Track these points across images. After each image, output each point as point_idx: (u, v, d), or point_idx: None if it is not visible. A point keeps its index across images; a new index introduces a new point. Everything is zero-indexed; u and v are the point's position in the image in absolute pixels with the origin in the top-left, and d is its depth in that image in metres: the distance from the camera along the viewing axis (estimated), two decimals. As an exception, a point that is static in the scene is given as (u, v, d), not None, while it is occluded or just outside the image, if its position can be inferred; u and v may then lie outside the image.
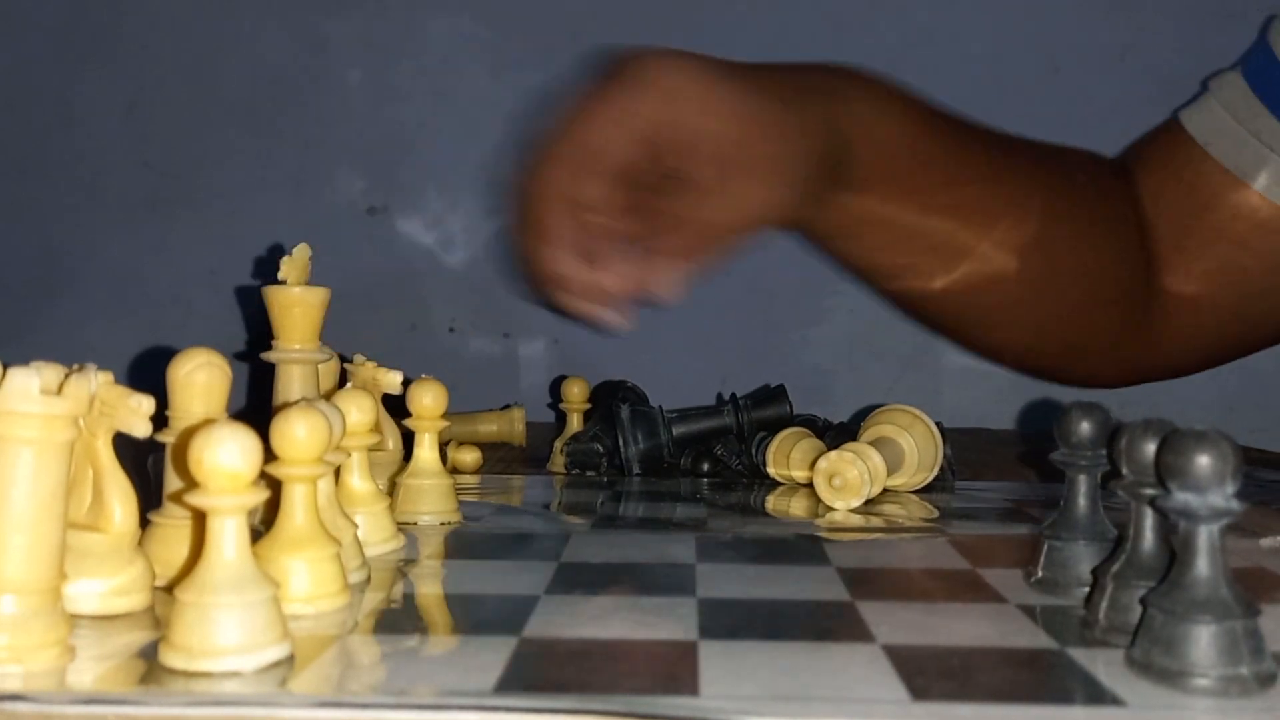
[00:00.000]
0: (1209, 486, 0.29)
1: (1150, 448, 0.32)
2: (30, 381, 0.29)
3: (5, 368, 0.30)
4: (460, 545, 0.46)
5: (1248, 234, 0.69)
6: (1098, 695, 0.29)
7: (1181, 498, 0.29)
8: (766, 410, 0.65)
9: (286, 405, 0.35)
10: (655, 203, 0.57)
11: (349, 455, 0.42)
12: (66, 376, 0.30)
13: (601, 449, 0.63)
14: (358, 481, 0.43)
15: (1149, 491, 0.32)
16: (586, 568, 0.41)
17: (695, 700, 0.28)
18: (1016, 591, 0.38)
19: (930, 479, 0.58)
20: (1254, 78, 0.70)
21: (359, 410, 0.42)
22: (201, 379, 0.37)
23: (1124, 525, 0.35)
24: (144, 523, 0.36)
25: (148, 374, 0.42)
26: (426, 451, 0.50)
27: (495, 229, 0.96)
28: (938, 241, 0.66)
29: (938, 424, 0.61)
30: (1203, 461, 0.29)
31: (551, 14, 0.95)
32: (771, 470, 0.60)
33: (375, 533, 0.43)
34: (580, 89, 0.57)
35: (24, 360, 0.30)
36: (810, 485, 0.56)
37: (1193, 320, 0.72)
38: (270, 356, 0.47)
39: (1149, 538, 0.34)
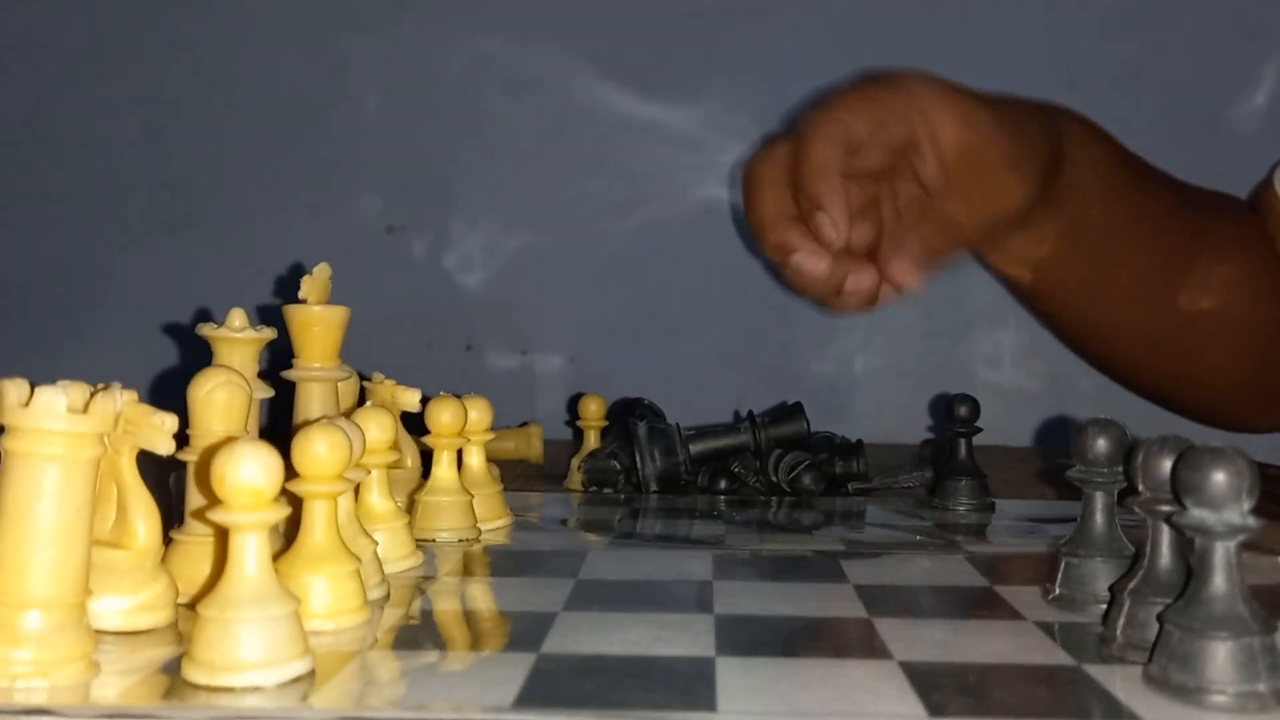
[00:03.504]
0: (1225, 503, 0.29)
1: (1166, 464, 0.32)
2: (57, 400, 0.30)
3: (32, 387, 0.30)
4: (478, 562, 0.46)
5: None
6: (1115, 712, 0.29)
7: (1197, 514, 0.29)
8: (783, 427, 0.65)
9: (307, 423, 0.35)
10: (896, 203, 0.61)
11: (369, 473, 0.43)
12: (92, 395, 0.31)
13: (619, 466, 0.64)
14: (377, 499, 0.44)
15: (1165, 508, 0.32)
16: (604, 584, 0.42)
17: (712, 715, 0.28)
18: (1034, 608, 0.38)
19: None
20: None
21: (378, 428, 0.42)
22: (222, 397, 0.37)
23: (1141, 542, 0.35)
24: (166, 540, 0.36)
25: (168, 393, 0.42)
26: (444, 469, 0.50)
27: (513, 248, 0.96)
28: (1153, 252, 0.68)
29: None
30: (1218, 478, 0.29)
31: (569, 36, 0.95)
32: None
33: (394, 549, 0.43)
34: (841, 91, 0.61)
35: (46, 379, 0.30)
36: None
37: None
38: (291, 375, 0.47)
39: (1166, 554, 0.34)
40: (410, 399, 0.51)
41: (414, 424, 0.52)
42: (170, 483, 0.40)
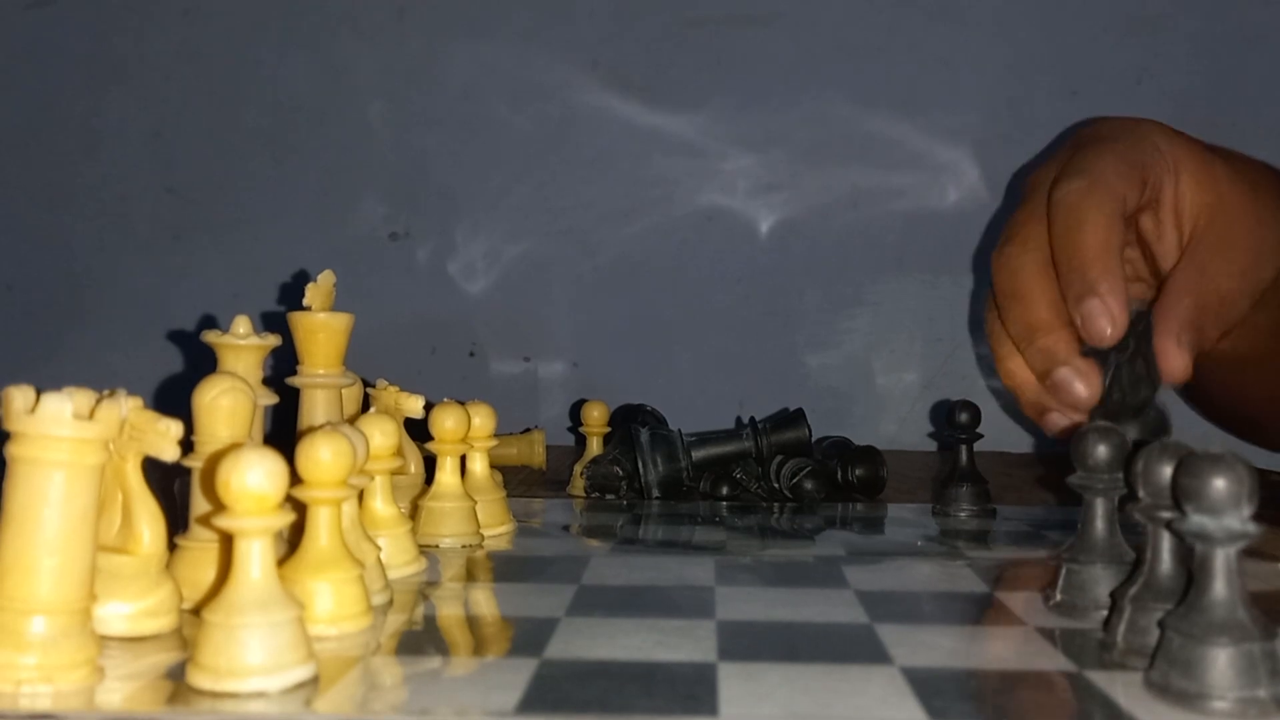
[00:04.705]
0: (1225, 509, 0.29)
1: (1166, 471, 0.32)
2: (63, 406, 0.30)
3: (38, 393, 0.30)
4: (481, 567, 0.46)
5: None
6: (1116, 717, 0.29)
7: (1198, 520, 0.29)
8: (785, 434, 0.65)
9: (311, 430, 0.35)
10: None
11: (372, 479, 0.43)
12: (98, 401, 0.31)
13: (621, 472, 0.64)
14: (381, 505, 0.44)
15: (1166, 514, 0.33)
16: (606, 590, 0.42)
17: (714, 721, 0.28)
18: (1035, 614, 0.38)
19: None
20: None
21: (382, 434, 0.42)
22: (226, 404, 0.37)
23: (1141, 548, 0.35)
24: (171, 545, 0.36)
25: (173, 399, 0.42)
26: (448, 475, 0.50)
27: (515, 254, 0.97)
28: None
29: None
30: (1218, 484, 0.29)
31: (571, 42, 0.96)
32: None
33: (398, 555, 0.43)
34: (1083, 146, 0.56)
35: (50, 385, 0.30)
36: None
37: None
38: (295, 381, 0.47)
39: (1166, 560, 0.34)
40: (414, 405, 0.51)
41: (418, 430, 0.52)
42: (175, 489, 0.41)
